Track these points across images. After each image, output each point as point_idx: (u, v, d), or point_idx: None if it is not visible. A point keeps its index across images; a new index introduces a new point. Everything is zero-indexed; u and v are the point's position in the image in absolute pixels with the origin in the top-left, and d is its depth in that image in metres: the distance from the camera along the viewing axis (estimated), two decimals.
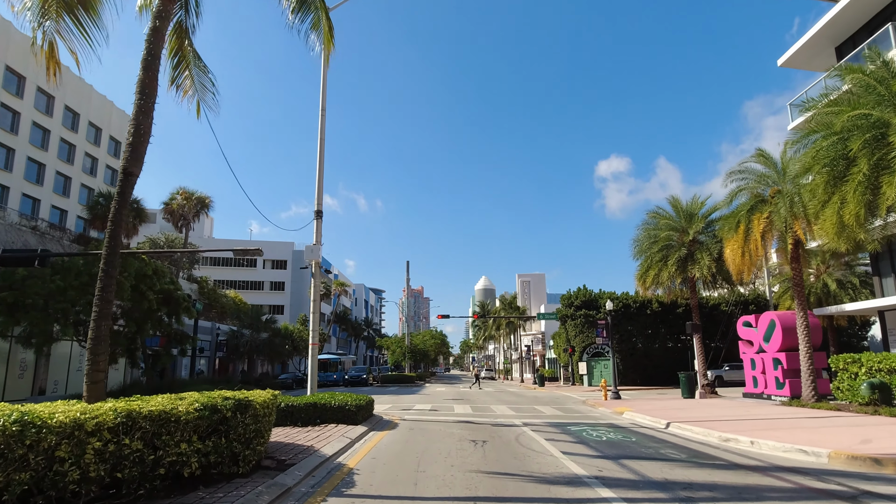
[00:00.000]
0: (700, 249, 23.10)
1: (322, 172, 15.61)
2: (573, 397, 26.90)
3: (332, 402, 11.65)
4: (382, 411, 17.28)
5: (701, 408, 17.42)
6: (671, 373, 40.99)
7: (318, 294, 15.12)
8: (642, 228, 25.60)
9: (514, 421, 14.70)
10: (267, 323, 44.54)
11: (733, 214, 17.92)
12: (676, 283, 23.71)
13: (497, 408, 19.41)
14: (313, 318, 14.93)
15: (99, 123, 47.18)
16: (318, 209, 15.41)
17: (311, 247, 14.85)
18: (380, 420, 13.53)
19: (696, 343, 22.67)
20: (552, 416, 16.24)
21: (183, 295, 24.01)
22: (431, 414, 16.59)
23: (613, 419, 15.53)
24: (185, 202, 31.78)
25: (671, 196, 24.97)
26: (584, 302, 42.56)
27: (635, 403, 20.15)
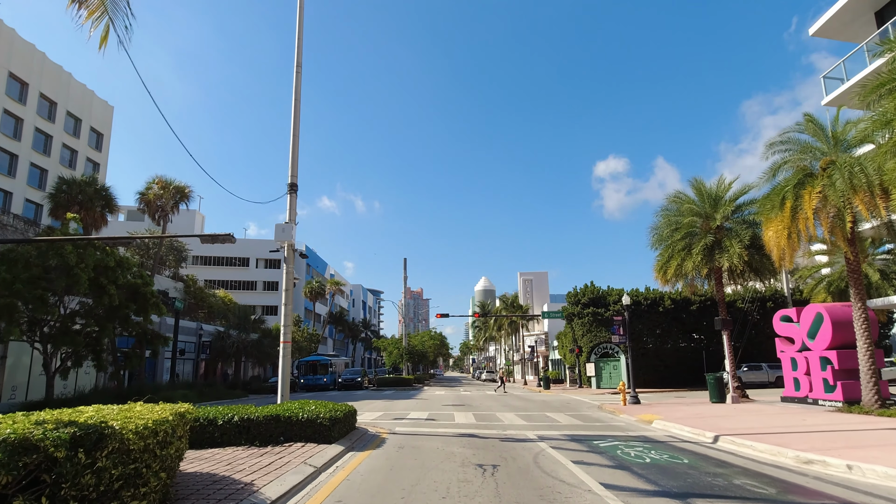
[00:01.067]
0: (728, 237, 20.67)
1: (297, 139, 13.18)
2: (585, 401, 24.43)
3: (299, 414, 9.18)
4: (370, 421, 14.81)
5: (741, 415, 14.97)
6: (685, 374, 38.58)
7: (290, 282, 12.67)
8: (661, 215, 23.17)
9: (527, 433, 12.24)
10: (256, 323, 42.08)
11: (776, 191, 15.48)
12: (702, 273, 21.25)
13: (504, 415, 16.95)
14: (285, 310, 12.48)
15: (79, 114, 44.75)
16: (292, 182, 12.97)
17: (283, 225, 12.40)
18: (363, 435, 11.05)
19: (725, 341, 20.24)
20: (570, 426, 13.78)
21: (152, 290, 21.53)
22: (428, 425, 14.11)
23: (644, 430, 13.06)
24: (163, 192, 29.32)
25: (693, 178, 22.57)
26: (591, 299, 40.11)
27: (661, 409, 17.69)
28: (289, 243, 12.57)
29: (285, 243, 12.58)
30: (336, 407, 9.99)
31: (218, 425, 8.93)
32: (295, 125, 13.18)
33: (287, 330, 12.33)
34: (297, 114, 13.23)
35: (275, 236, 12.31)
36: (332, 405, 10.20)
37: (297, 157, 13.10)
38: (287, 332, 12.32)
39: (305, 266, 76.30)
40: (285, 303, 12.50)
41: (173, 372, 32.85)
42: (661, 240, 22.85)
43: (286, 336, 12.28)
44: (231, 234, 15.30)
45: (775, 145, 16.21)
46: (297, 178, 13.03)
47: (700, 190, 22.12)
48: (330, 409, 9.53)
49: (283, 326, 12.34)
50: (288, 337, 12.31)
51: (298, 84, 13.31)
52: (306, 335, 56.42)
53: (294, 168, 13.01)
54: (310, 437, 9.09)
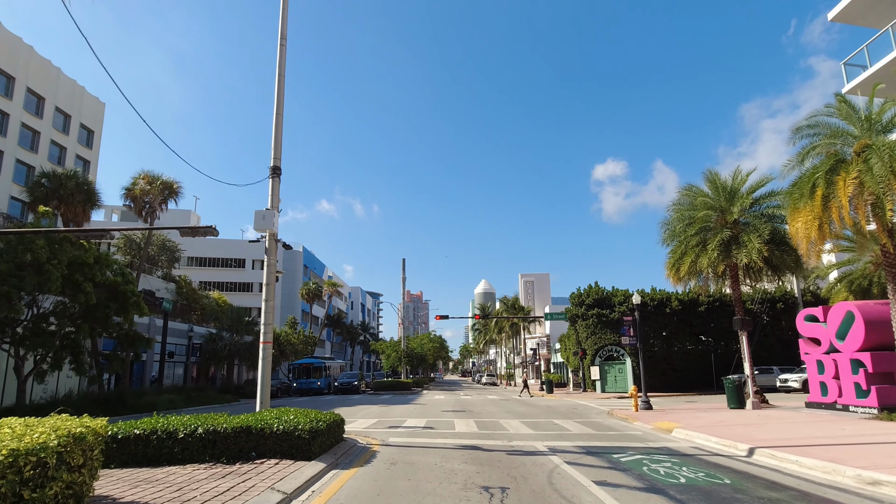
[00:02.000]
0: (745, 231, 19.41)
1: (280, 119, 11.92)
2: (592, 406, 23.12)
3: (275, 425, 7.88)
4: (362, 430, 13.50)
5: (768, 423, 13.67)
6: (693, 378, 37.27)
7: (272, 276, 11.39)
8: (674, 209, 21.90)
9: (537, 445, 10.93)
10: (250, 325, 40.72)
11: (805, 178, 14.21)
12: (718, 270, 19.95)
13: (508, 423, 15.64)
14: (265, 306, 11.20)
15: (68, 110, 43.55)
16: (275, 165, 11.70)
17: (264, 212, 11.12)
18: (351, 448, 9.74)
19: (744, 342, 18.93)
20: (582, 436, 12.48)
21: (133, 289, 20.24)
22: (425, 434, 12.80)
23: (665, 441, 11.76)
24: (150, 187, 28.03)
25: (708, 170, 21.31)
26: (596, 300, 38.80)
27: (677, 416, 16.38)
28: (271, 232, 11.29)
29: (267, 232, 11.30)
30: (319, 417, 8.68)
31: (178, 439, 7.64)
32: (278, 103, 11.93)
33: (268, 329, 11.04)
34: (280, 91, 11.97)
35: (254, 224, 11.03)
36: (314, 414, 8.90)
37: (280, 138, 11.84)
38: (268, 330, 11.03)
39: (303, 268, 75.07)
40: (266, 299, 11.22)
41: (161, 375, 31.54)
42: (673, 235, 21.59)
43: (266, 335, 10.99)
44: (213, 227, 14.01)
45: (802, 129, 14.97)
46: (280, 160, 11.77)
47: (715, 182, 20.87)
48: (311, 420, 8.23)
49: (264, 325, 11.05)
50: (269, 337, 11.03)
51: (283, 58, 12.06)
52: (302, 337, 55.05)
53: (277, 150, 11.75)
54: (286, 452, 7.79)
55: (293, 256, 73.59)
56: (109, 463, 7.46)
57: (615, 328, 37.79)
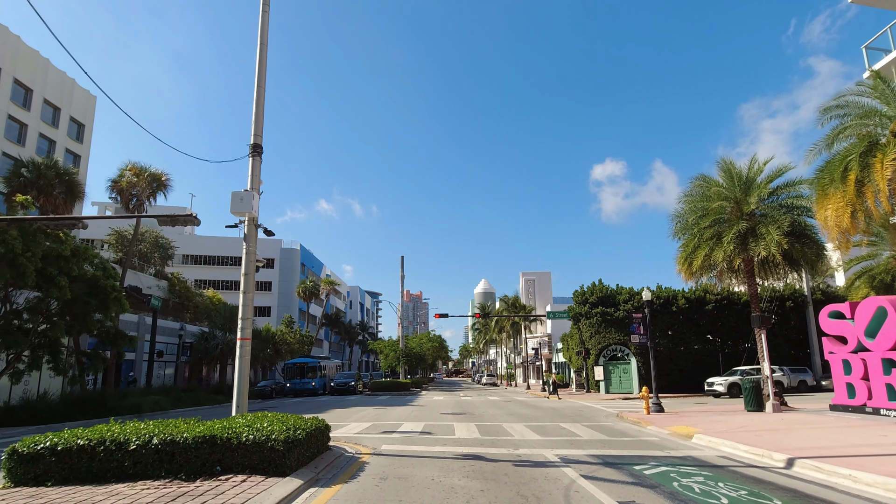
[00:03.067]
0: (763, 223, 18.28)
1: (262, 91, 10.76)
2: (599, 409, 21.99)
3: (244, 434, 6.72)
4: (353, 436, 12.34)
5: (797, 429, 12.54)
6: (700, 378, 36.11)
7: (252, 266, 10.24)
8: (685, 200, 20.77)
9: (545, 453, 9.79)
10: None
11: (837, 161, 13.08)
12: (734, 264, 18.80)
13: (512, 427, 14.49)
14: (244, 298, 10.05)
15: (58, 103, 42.41)
16: (256, 142, 10.55)
17: (242, 194, 9.97)
18: (336, 459, 8.57)
19: (763, 341, 17.76)
20: (594, 442, 11.34)
21: (113, 284, 19.07)
22: (422, 441, 11.64)
23: (687, 448, 10.61)
24: (137, 179, 26.88)
25: (722, 159, 20.15)
26: (600, 298, 37.67)
27: (692, 419, 15.25)
28: (250, 216, 10.14)
29: (246, 216, 10.15)
30: (298, 424, 7.53)
31: (130, 451, 6.48)
32: (260, 74, 10.77)
33: (246, 324, 9.89)
34: (262, 59, 10.82)
35: (231, 207, 9.88)
36: (293, 421, 7.76)
37: (262, 113, 10.68)
38: (246, 325, 9.88)
39: (300, 266, 73.89)
40: (244, 290, 10.06)
41: (150, 375, 30.38)
42: (685, 228, 20.46)
43: (244, 331, 9.84)
44: (193, 215, 12.86)
45: (831, 110, 13.85)
46: (261, 137, 10.62)
47: (730, 172, 19.72)
48: (288, 428, 7.07)
49: (241, 319, 9.90)
50: (247, 333, 9.87)
51: (265, 23, 10.90)
52: (298, 337, 53.87)
53: (258, 125, 10.59)
54: (257, 466, 6.63)
55: (290, 255, 72.42)
56: (46, 480, 6.31)
57: (620, 327, 36.68)
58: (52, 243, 17.53)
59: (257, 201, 10.20)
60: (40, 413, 16.92)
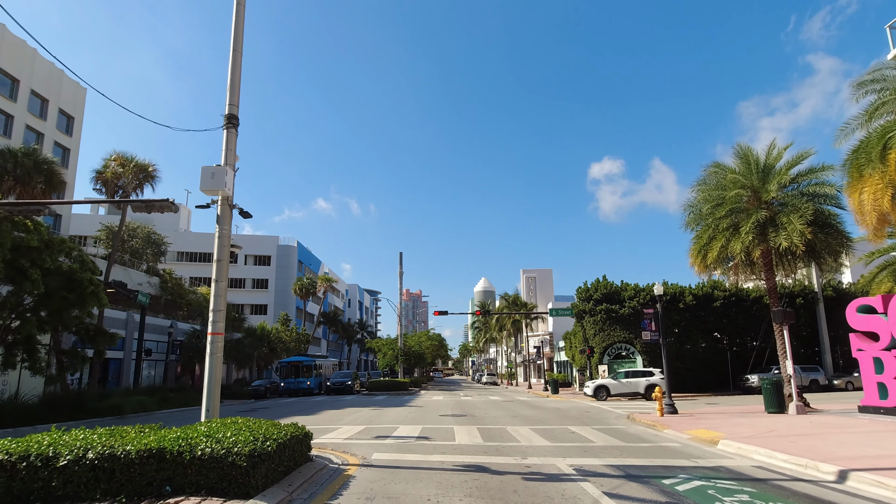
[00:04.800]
0: (784, 212, 17.12)
1: (239, 57, 9.58)
2: (607, 409, 20.85)
3: (200, 446, 5.54)
4: (342, 442, 11.17)
5: (832, 433, 11.39)
6: (707, 377, 35.09)
7: (226, 251, 9.06)
8: (699, 188, 19.61)
9: (558, 463, 8.64)
10: (236, 321, 38.38)
11: (875, 139, 11.92)
12: (753, 256, 17.61)
13: (517, 431, 13.33)
14: (215, 287, 8.88)
15: (45, 94, 41.19)
16: (231, 113, 9.37)
17: (214, 169, 8.78)
18: (318, 472, 7.40)
19: (784, 337, 16.58)
20: (610, 449, 10.17)
21: (90, 277, 17.87)
22: (418, 448, 10.47)
23: (716, 457, 9.45)
24: (123, 170, 25.68)
25: (738, 145, 18.97)
26: (604, 295, 36.51)
27: (711, 422, 14.10)
28: (223, 195, 8.96)
29: (219, 195, 8.97)
30: (270, 433, 6.35)
31: (59, 468, 5.31)
32: (236, 35, 9.58)
33: (219, 316, 8.72)
34: (239, 20, 9.63)
35: (201, 184, 8.70)
36: (266, 428, 6.59)
37: (238, 81, 9.50)
38: (219, 318, 8.71)
39: (297, 263, 72.70)
40: (217, 278, 8.89)
41: (138, 374, 29.22)
42: (698, 218, 19.31)
43: (216, 325, 8.67)
44: (169, 200, 11.69)
45: (866, 85, 12.71)
46: (237, 108, 9.43)
47: (747, 158, 18.56)
48: (255, 438, 5.90)
49: (213, 312, 8.73)
50: (219, 327, 8.70)
51: None
52: (295, 335, 52.71)
53: (234, 95, 9.41)
54: (215, 485, 5.46)
55: (287, 251, 71.21)
56: None
57: (625, 324, 35.58)
58: (22, 233, 16.34)
59: (231, 178, 9.02)
60: (7, 416, 15.73)
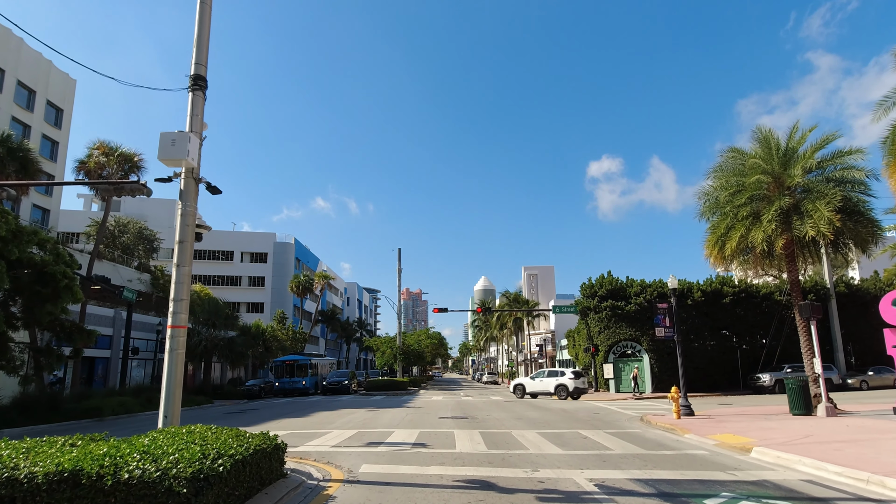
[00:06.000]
0: (809, 199, 15.92)
1: (207, 10, 8.34)
2: (616, 411, 19.65)
3: (126, 469, 4.31)
4: (328, 450, 9.94)
5: (879, 440, 10.18)
6: (716, 376, 33.90)
7: (190, 232, 7.85)
8: (715, 175, 18.39)
9: (575, 476, 7.42)
10: (229, 319, 37.16)
11: None
12: (776, 246, 16.38)
13: (524, 436, 12.12)
14: (176, 273, 7.66)
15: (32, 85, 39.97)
16: (198, 73, 8.14)
17: (176, 135, 7.55)
18: (291, 492, 6.18)
19: (812, 333, 15.34)
20: (631, 458, 8.96)
21: (64, 270, 16.66)
22: (414, 459, 9.25)
23: (755, 469, 8.24)
24: (107, 160, 24.46)
25: (758, 128, 17.75)
26: (609, 291, 35.29)
27: (735, 426, 12.90)
28: (187, 167, 7.74)
29: (182, 166, 7.74)
30: (226, 448, 5.12)
31: None
32: None
33: (180, 306, 7.50)
34: None
35: (159, 153, 7.47)
36: (224, 441, 5.37)
37: (206, 36, 8.26)
38: (181, 309, 7.49)
39: (294, 261, 71.46)
40: (178, 263, 7.67)
41: (124, 374, 28.00)
42: (715, 206, 18.09)
43: (177, 318, 7.45)
44: (140, 182, 10.48)
45: None
46: (205, 67, 8.21)
47: (767, 142, 17.33)
48: (205, 455, 4.67)
49: (173, 301, 7.51)
50: (181, 319, 7.49)
51: None
52: (291, 334, 51.48)
53: (201, 52, 8.17)
54: None
55: (284, 249, 69.98)
56: None
57: (631, 322, 34.38)
58: None
59: (197, 147, 7.80)
60: None
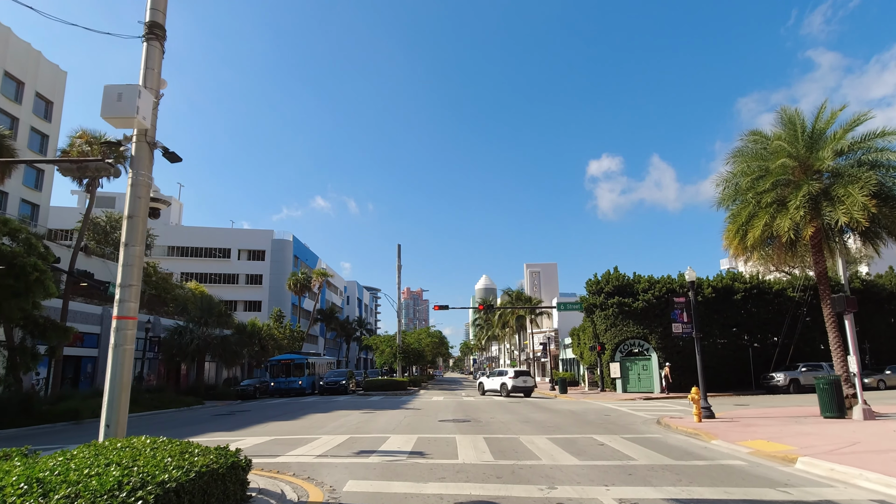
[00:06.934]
0: (840, 183, 14.68)
1: None
2: (628, 412, 18.41)
3: None
4: (311, 461, 8.71)
5: None
6: (726, 376, 32.65)
7: (142, 206, 6.61)
8: (735, 159, 17.14)
9: (602, 497, 6.19)
10: (222, 316, 35.95)
11: None
12: (806, 235, 15.12)
13: (534, 443, 10.89)
14: (124, 253, 6.43)
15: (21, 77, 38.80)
16: (154, 20, 6.90)
17: (124, 88, 6.32)
18: None
19: (845, 328, 14.09)
20: (660, 471, 7.73)
21: (33, 262, 15.45)
22: (410, 470, 8.01)
23: (810, 485, 7.00)
24: (90, 148, 23.26)
25: (783, 108, 16.49)
26: (616, 287, 34.03)
27: (766, 431, 11.67)
28: (139, 127, 6.50)
29: (133, 127, 6.51)
30: (159, 470, 3.90)
31: None
32: None
33: (129, 293, 6.28)
34: None
35: (102, 109, 6.22)
36: (158, 461, 4.15)
37: None
38: (129, 296, 6.27)
39: (293, 258, 70.27)
40: (127, 241, 6.44)
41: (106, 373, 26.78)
42: (736, 193, 16.85)
43: (125, 306, 6.23)
44: (106, 160, 9.32)
45: None
46: (164, 15, 6.97)
47: (793, 123, 16.07)
48: (126, 484, 3.45)
49: (120, 287, 6.29)
50: (129, 309, 6.27)
51: None
52: (288, 332, 50.30)
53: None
54: None
55: (282, 246, 68.77)
56: None
57: (639, 319, 33.13)
58: None
59: (150, 105, 6.56)
60: None
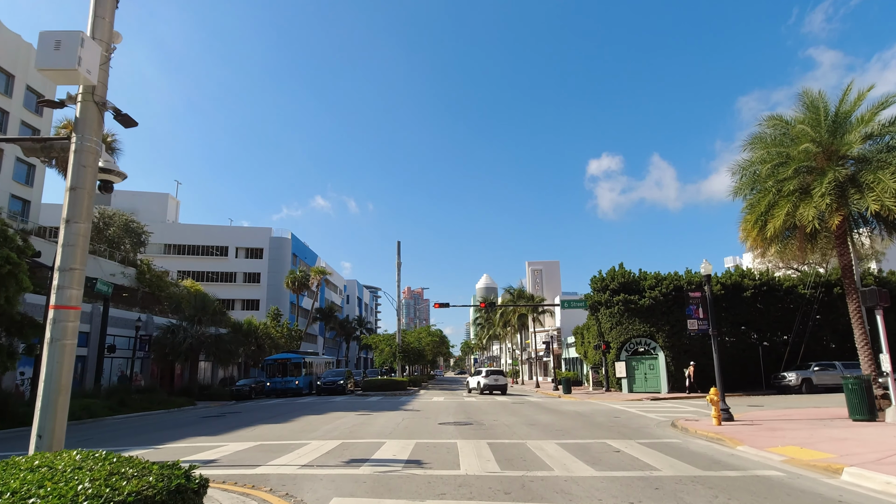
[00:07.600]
0: (869, 169, 13.69)
1: None
2: (638, 414, 17.44)
3: None
4: (294, 472, 7.73)
5: None
6: (735, 375, 31.53)
7: (88, 176, 5.68)
8: (753, 146, 16.14)
9: None
10: (217, 314, 34.99)
11: None
12: (832, 224, 14.14)
13: (542, 449, 9.91)
14: (67, 232, 5.47)
15: (10, 69, 37.88)
16: None
17: (63, 35, 5.34)
18: None
19: (878, 323, 13.09)
20: (688, 483, 6.75)
21: (5, 254, 14.50)
22: (406, 484, 7.03)
23: (860, 500, 6.02)
24: None
25: (805, 91, 15.48)
26: (622, 285, 33.04)
27: (794, 435, 10.70)
28: (84, 83, 5.57)
29: (78, 83, 5.56)
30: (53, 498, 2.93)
31: None
32: None
33: (69, 278, 5.31)
34: None
35: (37, 60, 5.26)
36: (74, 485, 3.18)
37: None
38: (69, 281, 5.30)
39: (292, 256, 69.34)
40: (69, 217, 5.48)
41: (98, 374, 25.91)
42: (754, 181, 15.87)
43: (64, 294, 5.26)
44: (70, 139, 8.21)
45: None
46: None
47: (816, 106, 15.08)
48: None
49: (59, 271, 5.32)
50: (70, 297, 5.30)
51: None
52: (286, 331, 49.35)
53: None
54: None
55: (281, 244, 67.81)
56: None
57: (645, 317, 32.15)
58: None
59: (97, 59, 5.59)
60: None
